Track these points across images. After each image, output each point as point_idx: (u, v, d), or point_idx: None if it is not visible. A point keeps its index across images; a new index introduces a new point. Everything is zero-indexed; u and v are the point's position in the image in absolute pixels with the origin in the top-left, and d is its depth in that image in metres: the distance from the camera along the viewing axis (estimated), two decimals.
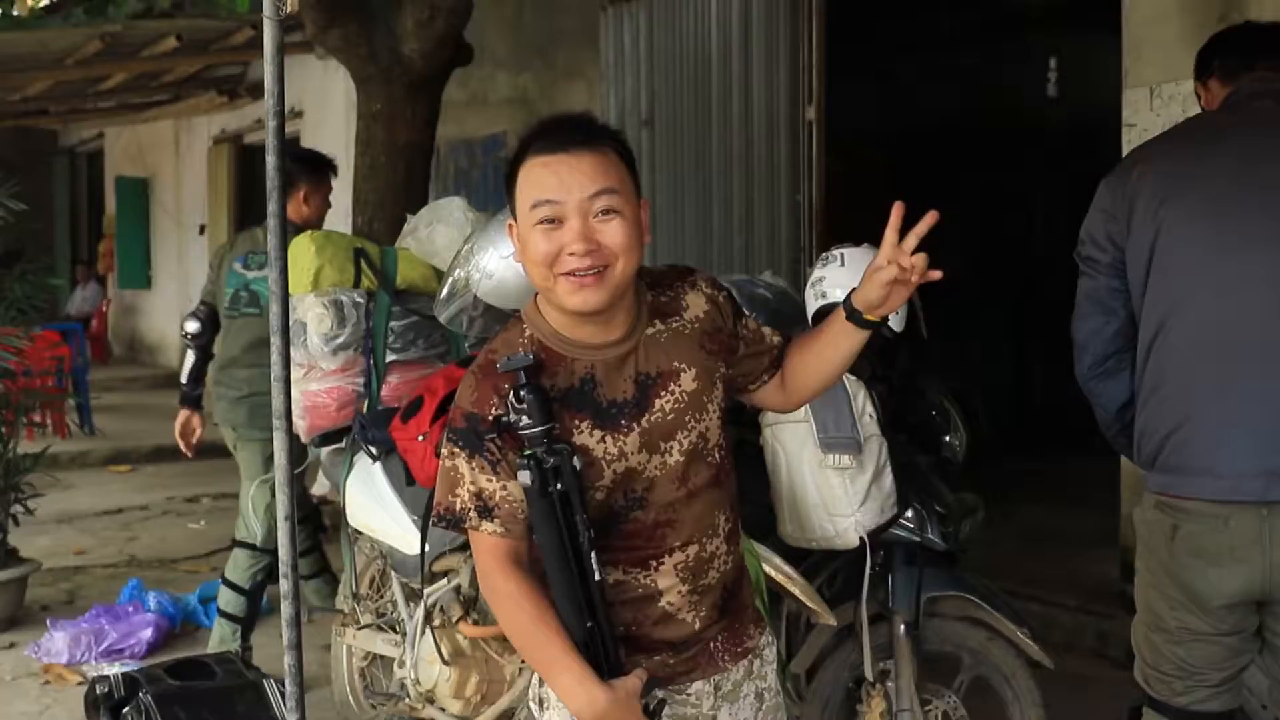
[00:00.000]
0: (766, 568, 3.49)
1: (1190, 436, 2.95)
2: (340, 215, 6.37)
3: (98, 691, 3.99)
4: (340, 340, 4.18)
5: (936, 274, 2.20)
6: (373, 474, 4.06)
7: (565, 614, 2.13)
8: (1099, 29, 6.88)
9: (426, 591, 3.88)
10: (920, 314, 3.91)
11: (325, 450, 4.43)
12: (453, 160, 10.44)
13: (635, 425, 2.20)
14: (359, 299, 4.22)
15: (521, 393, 2.13)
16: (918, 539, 3.68)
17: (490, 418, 2.16)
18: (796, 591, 3.55)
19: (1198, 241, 2.94)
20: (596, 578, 2.13)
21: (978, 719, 3.73)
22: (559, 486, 2.11)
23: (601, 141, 2.20)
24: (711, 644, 2.32)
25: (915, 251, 2.20)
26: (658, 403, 2.22)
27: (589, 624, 2.13)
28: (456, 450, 2.20)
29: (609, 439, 2.19)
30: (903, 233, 2.21)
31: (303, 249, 4.21)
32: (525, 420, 2.12)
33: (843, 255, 3.88)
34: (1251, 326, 2.89)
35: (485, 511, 2.19)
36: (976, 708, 3.74)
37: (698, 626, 2.29)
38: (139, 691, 3.88)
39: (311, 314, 4.17)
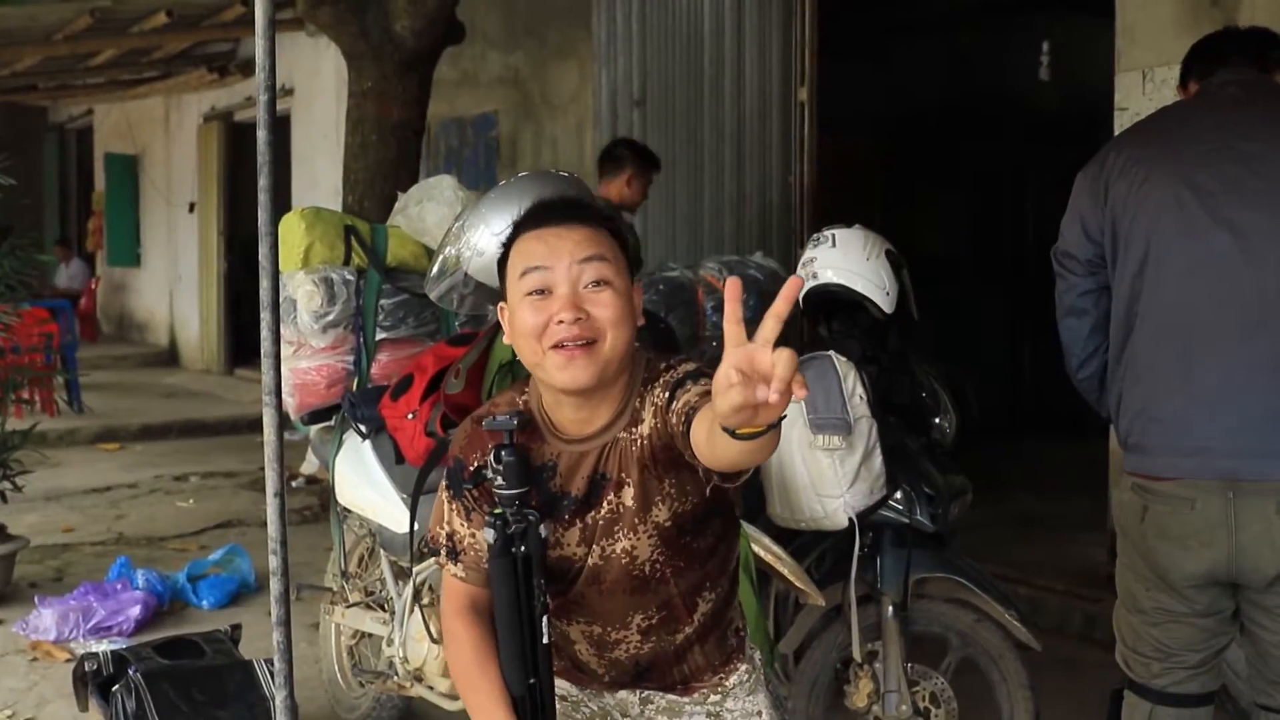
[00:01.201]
0: (756, 548, 3.49)
1: (1158, 416, 2.99)
2: (330, 192, 6.36)
3: (85, 668, 3.99)
4: (330, 317, 4.16)
5: (802, 392, 1.59)
6: (362, 452, 4.05)
7: (508, 668, 2.16)
8: (1093, 12, 6.87)
9: (415, 570, 3.88)
10: (911, 295, 3.91)
11: (314, 428, 4.42)
12: (444, 139, 10.41)
13: (578, 521, 2.19)
14: (349, 276, 4.20)
15: (502, 454, 2.13)
16: (906, 520, 3.68)
17: (472, 468, 2.20)
18: (785, 572, 3.56)
19: (1168, 223, 2.98)
20: (545, 641, 2.15)
21: (965, 700, 3.74)
22: (522, 549, 2.12)
23: (593, 218, 2.18)
24: (633, 691, 2.38)
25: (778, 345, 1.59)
26: (603, 504, 2.17)
27: (530, 681, 2.16)
28: (445, 487, 2.27)
29: (550, 524, 2.18)
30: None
31: (293, 226, 4.19)
32: (500, 481, 2.13)
33: (834, 236, 3.87)
34: (1216, 307, 2.92)
35: (453, 553, 2.27)
36: (964, 689, 3.75)
37: (606, 680, 2.35)
38: (128, 669, 3.88)
39: (301, 291, 4.15)
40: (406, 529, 3.76)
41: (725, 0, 7.58)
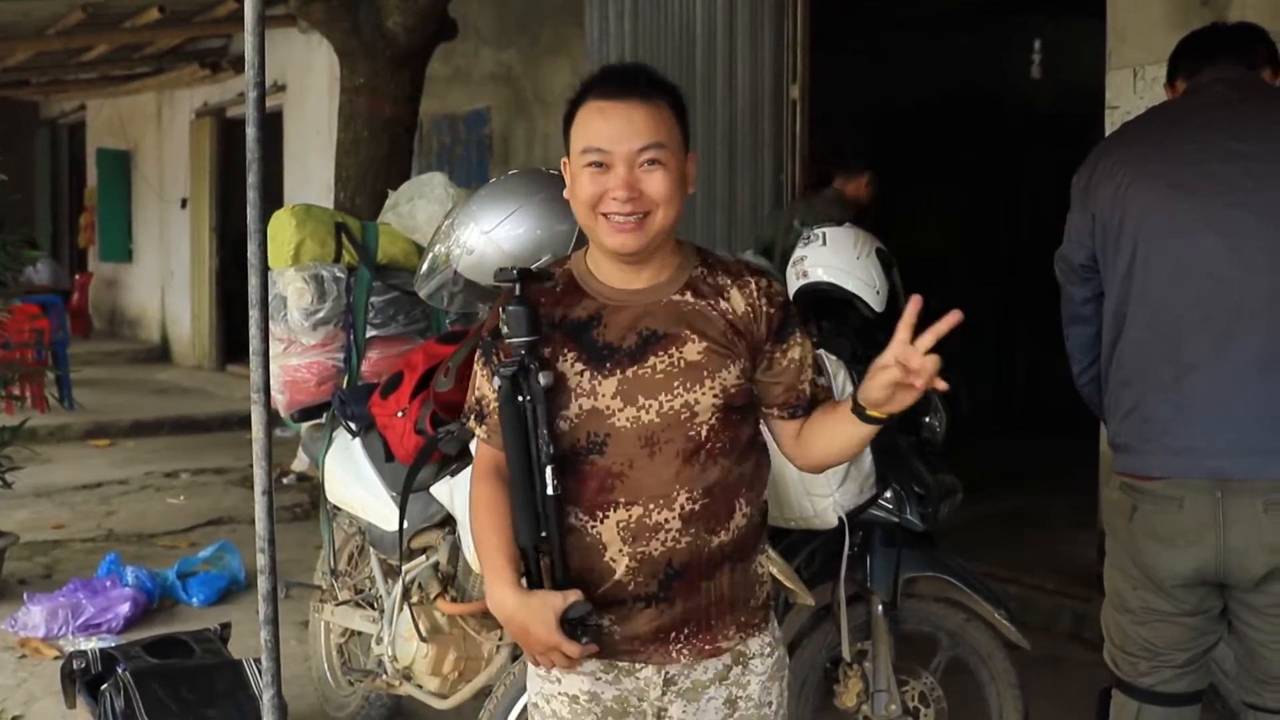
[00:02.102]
0: None
1: (1147, 416, 3.00)
2: (322, 189, 6.35)
3: (74, 666, 3.99)
4: (320, 315, 4.16)
5: (943, 385, 2.10)
6: (352, 450, 4.05)
7: (519, 521, 2.24)
8: (1084, 11, 6.88)
9: (405, 568, 3.88)
10: (902, 294, 3.91)
11: (304, 426, 4.42)
12: (436, 135, 10.40)
13: (619, 372, 2.26)
14: (340, 274, 4.20)
15: (510, 306, 2.25)
16: (896, 520, 3.68)
17: (493, 327, 2.34)
18: (775, 571, 3.54)
19: (1155, 224, 2.99)
20: (549, 491, 2.21)
21: (954, 699, 3.74)
22: (528, 398, 2.22)
23: (657, 94, 2.29)
24: (664, 631, 2.31)
25: (930, 351, 2.09)
26: (652, 359, 2.26)
27: (542, 533, 2.23)
28: (478, 358, 2.41)
29: (587, 374, 2.26)
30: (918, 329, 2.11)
31: (283, 223, 4.19)
32: (507, 330, 2.25)
33: (825, 235, 3.87)
34: (1204, 307, 2.93)
35: (480, 416, 2.40)
36: (953, 688, 3.74)
37: (631, 589, 2.28)
38: (116, 667, 3.88)
39: (292, 288, 4.15)
40: (396, 527, 3.76)
41: None
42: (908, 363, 2.08)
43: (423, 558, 3.91)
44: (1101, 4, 5.82)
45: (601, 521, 2.27)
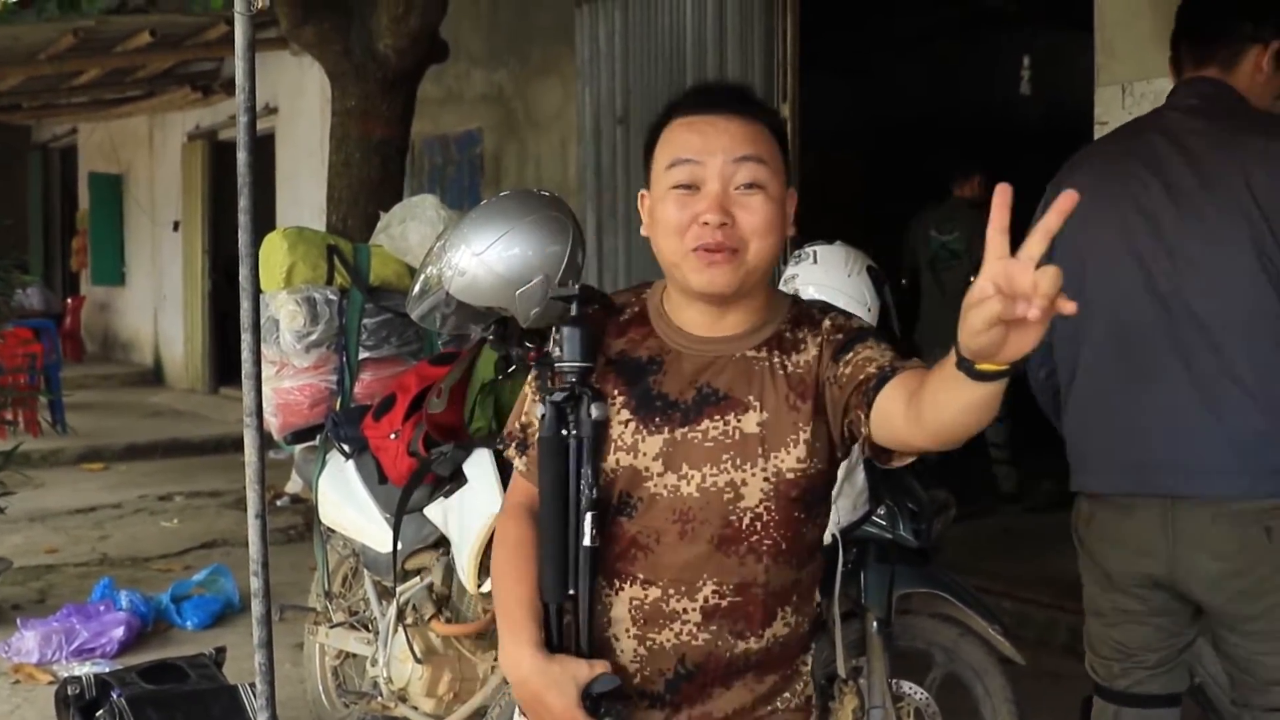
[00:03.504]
0: None
1: (1100, 435, 3.07)
2: (315, 210, 6.36)
3: (69, 691, 3.97)
4: (313, 337, 4.17)
5: (1070, 306, 1.46)
6: (345, 472, 4.05)
7: (545, 573, 1.95)
8: (1074, 26, 6.91)
9: (399, 590, 3.87)
10: (893, 312, 3.92)
11: (298, 448, 4.42)
12: (428, 156, 10.41)
13: (667, 430, 1.96)
14: (332, 296, 4.21)
15: (565, 326, 1.97)
16: (890, 536, 3.68)
17: (548, 352, 2.05)
18: None
19: (1107, 247, 3.03)
20: (587, 542, 1.93)
21: (950, 716, 3.74)
22: (573, 432, 1.94)
23: (755, 112, 2.00)
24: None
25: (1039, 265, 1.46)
26: (706, 423, 1.96)
27: (570, 591, 1.94)
28: (532, 380, 2.10)
29: (633, 426, 1.97)
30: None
31: (275, 246, 4.20)
32: (559, 352, 1.97)
33: (815, 253, 3.88)
34: (1154, 330, 2.97)
35: (521, 446, 2.11)
36: (948, 704, 3.74)
37: (636, 682, 1.99)
38: (111, 693, 3.87)
39: (284, 311, 4.16)
40: (390, 548, 3.76)
41: (708, 18, 7.60)
42: (1014, 285, 1.45)
43: (417, 579, 3.91)
44: (1089, 19, 5.85)
45: (617, 593, 1.99)
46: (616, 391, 1.99)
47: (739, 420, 1.95)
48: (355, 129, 6.60)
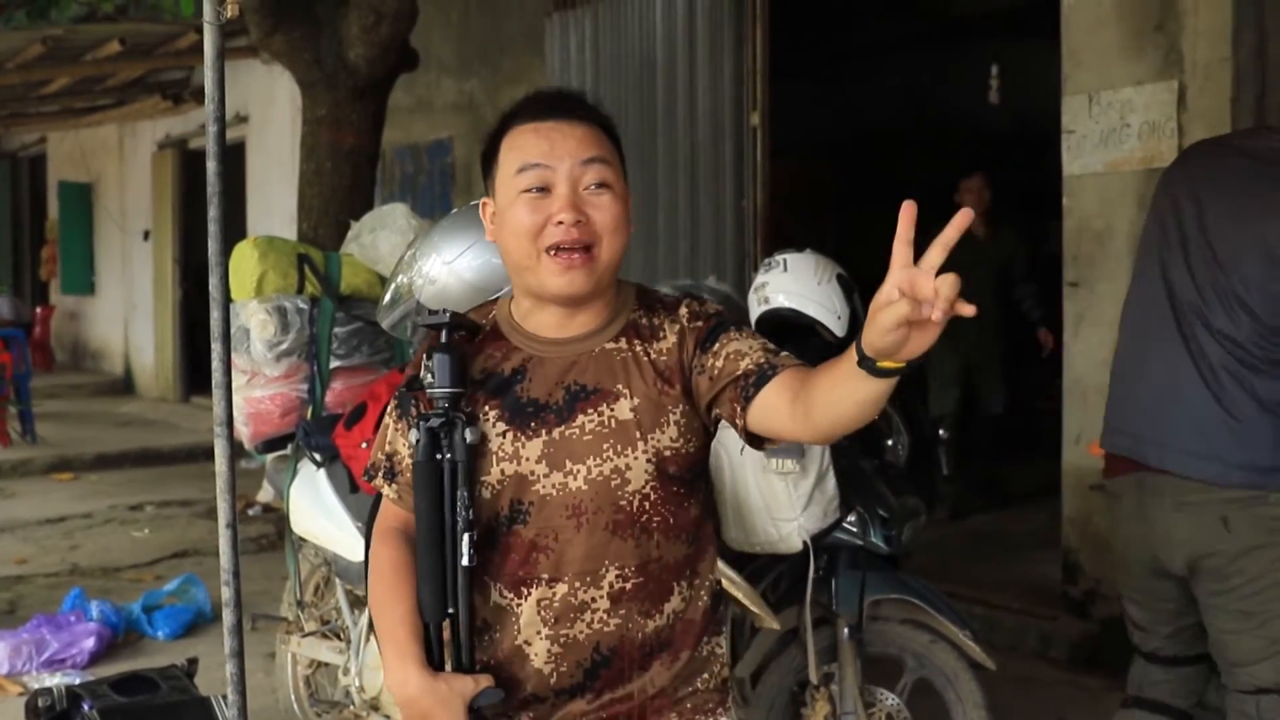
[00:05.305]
0: None
1: (1111, 399, 3.43)
2: (286, 219, 6.35)
3: (39, 703, 3.94)
4: (284, 346, 4.17)
5: (969, 309, 1.60)
6: (316, 481, 4.04)
7: (425, 595, 2.02)
8: (1041, 36, 6.96)
9: None
10: (863, 319, 3.94)
11: (269, 457, 4.41)
12: (398, 165, 10.41)
13: (544, 433, 2.02)
14: (302, 305, 4.21)
15: (436, 352, 2.03)
16: (861, 543, 3.70)
17: (412, 376, 2.12)
18: (740, 596, 3.57)
19: (1152, 236, 3.35)
20: (464, 562, 1.99)
21: None
22: (448, 456, 2.00)
23: (594, 116, 2.08)
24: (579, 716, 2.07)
25: (940, 272, 1.60)
26: (581, 418, 2.02)
27: (449, 610, 2.02)
28: (392, 410, 2.16)
29: (510, 435, 2.03)
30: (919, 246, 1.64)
31: (245, 255, 4.20)
32: (429, 379, 2.03)
33: (785, 261, 3.91)
34: (1157, 314, 3.27)
35: (390, 474, 2.16)
36: (920, 710, 3.76)
37: (553, 681, 2.04)
38: (83, 705, 3.85)
39: (255, 320, 4.16)
40: (361, 557, 3.75)
41: (677, 26, 7.62)
42: (916, 290, 1.59)
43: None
44: (1056, 29, 5.90)
45: (525, 599, 2.03)
46: (488, 407, 2.05)
47: (612, 409, 2.02)
48: (326, 137, 6.59)
